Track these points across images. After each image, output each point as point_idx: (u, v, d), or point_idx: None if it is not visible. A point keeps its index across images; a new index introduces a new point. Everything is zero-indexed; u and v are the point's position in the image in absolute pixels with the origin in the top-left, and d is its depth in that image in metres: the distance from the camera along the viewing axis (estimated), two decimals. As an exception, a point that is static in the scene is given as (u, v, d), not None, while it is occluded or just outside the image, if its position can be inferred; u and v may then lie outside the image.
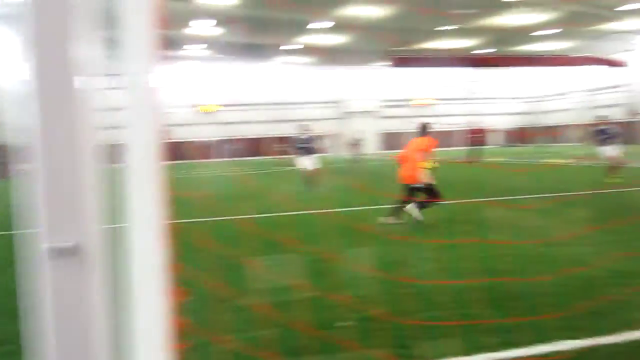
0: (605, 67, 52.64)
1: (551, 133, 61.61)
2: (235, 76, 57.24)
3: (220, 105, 57.54)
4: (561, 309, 5.00)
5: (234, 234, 9.33)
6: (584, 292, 5.59)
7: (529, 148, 51.97)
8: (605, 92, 57.21)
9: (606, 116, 17.81)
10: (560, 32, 44.05)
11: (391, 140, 59.91)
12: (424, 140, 10.24)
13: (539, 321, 4.77)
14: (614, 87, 56.21)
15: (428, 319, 4.95)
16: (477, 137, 28.81)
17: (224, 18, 37.65)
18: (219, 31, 42.47)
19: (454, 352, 4.27)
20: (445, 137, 62.44)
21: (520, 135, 65.76)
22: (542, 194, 13.58)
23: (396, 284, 6.14)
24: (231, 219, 11.33)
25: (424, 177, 9.92)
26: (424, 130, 10.39)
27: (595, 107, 56.65)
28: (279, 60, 55.06)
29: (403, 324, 4.78)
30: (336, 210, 12.49)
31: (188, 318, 2.08)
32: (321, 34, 44.71)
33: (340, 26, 41.28)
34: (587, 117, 59.71)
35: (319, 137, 15.46)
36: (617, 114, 46.62)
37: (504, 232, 9.23)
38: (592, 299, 5.28)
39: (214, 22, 39.41)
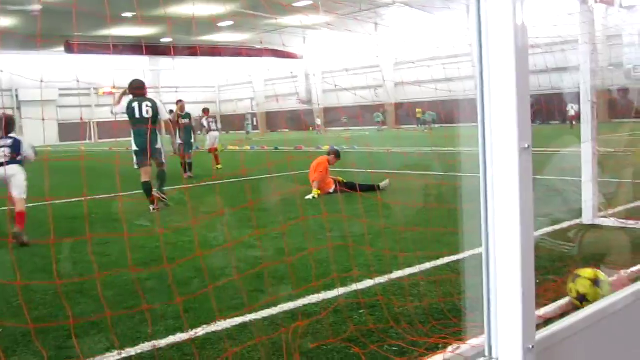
0: (281, 59, 56.45)
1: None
2: None
3: None
4: (227, 291, 5.09)
5: None
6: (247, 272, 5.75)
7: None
8: (282, 82, 61.15)
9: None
10: (239, 24, 45.70)
11: (71, 131, 56.06)
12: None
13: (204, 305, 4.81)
14: (290, 77, 60.46)
15: (90, 315, 4.69)
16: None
17: None
18: None
19: (119, 345, 4.12)
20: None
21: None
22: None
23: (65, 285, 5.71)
24: None
25: None
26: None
27: (277, 96, 60.58)
28: None
29: (62, 325, 4.48)
30: None
31: None
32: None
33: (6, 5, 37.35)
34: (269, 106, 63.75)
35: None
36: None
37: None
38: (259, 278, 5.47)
39: None
